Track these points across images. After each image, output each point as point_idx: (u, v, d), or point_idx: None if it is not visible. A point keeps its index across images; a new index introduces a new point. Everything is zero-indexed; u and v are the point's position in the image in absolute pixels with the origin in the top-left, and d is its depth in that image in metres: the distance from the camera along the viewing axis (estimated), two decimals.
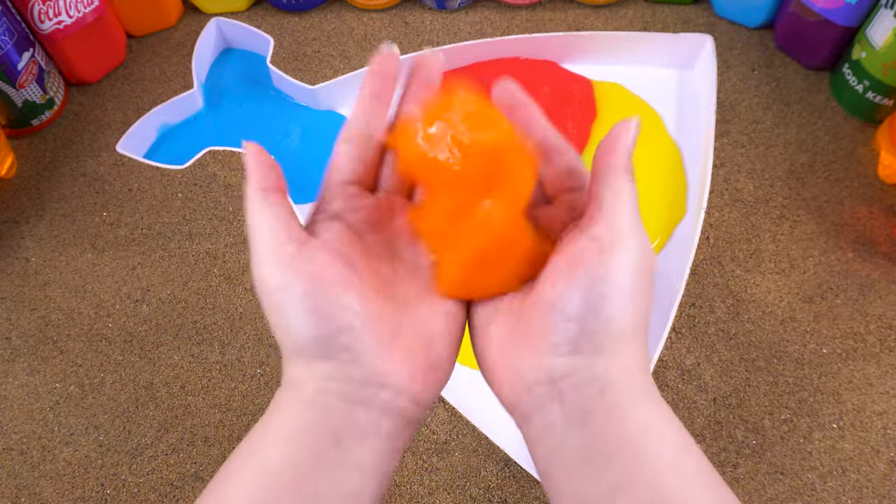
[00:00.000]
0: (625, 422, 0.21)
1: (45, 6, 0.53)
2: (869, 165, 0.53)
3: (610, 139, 0.23)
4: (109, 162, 0.55)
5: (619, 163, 0.22)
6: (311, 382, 0.22)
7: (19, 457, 0.44)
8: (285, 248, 0.22)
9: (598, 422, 0.21)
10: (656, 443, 0.21)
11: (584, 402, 0.21)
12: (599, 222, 0.22)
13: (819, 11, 0.53)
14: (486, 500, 0.41)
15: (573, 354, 0.22)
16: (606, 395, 0.21)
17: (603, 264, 0.21)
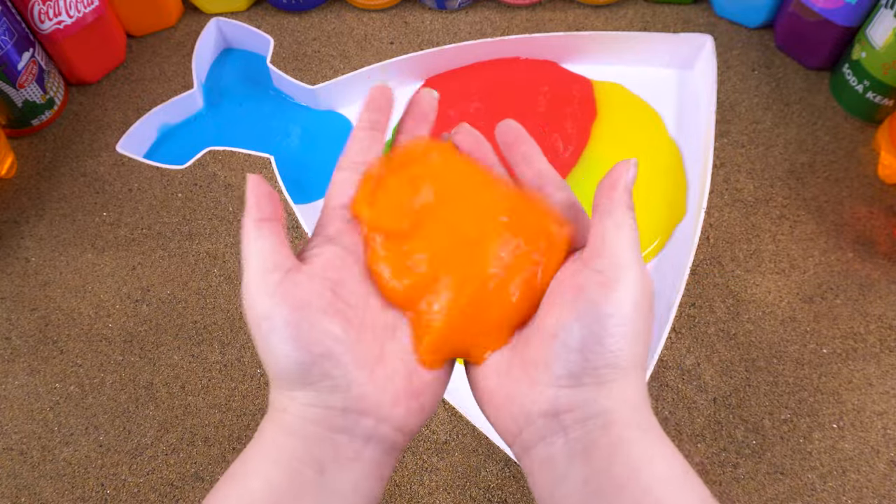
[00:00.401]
0: (628, 458, 0.21)
1: (45, 6, 0.53)
2: (869, 165, 0.53)
3: (611, 177, 0.24)
4: (109, 162, 0.55)
5: (621, 199, 0.23)
6: (292, 410, 0.22)
7: (19, 457, 0.44)
8: (271, 275, 0.22)
9: (601, 457, 0.21)
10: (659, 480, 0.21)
11: (587, 437, 0.22)
12: (602, 255, 0.22)
13: (819, 11, 0.53)
14: (486, 500, 0.41)
15: (576, 387, 0.22)
16: (609, 430, 0.21)
17: (606, 297, 0.21)
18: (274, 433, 0.22)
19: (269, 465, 0.22)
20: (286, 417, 0.22)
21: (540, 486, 0.23)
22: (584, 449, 0.21)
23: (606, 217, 0.23)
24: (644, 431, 0.22)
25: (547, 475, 0.22)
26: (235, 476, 0.22)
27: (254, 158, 0.54)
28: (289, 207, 0.51)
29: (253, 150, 0.54)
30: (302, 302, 0.22)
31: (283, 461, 0.22)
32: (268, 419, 0.23)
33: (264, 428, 0.23)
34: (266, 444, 0.22)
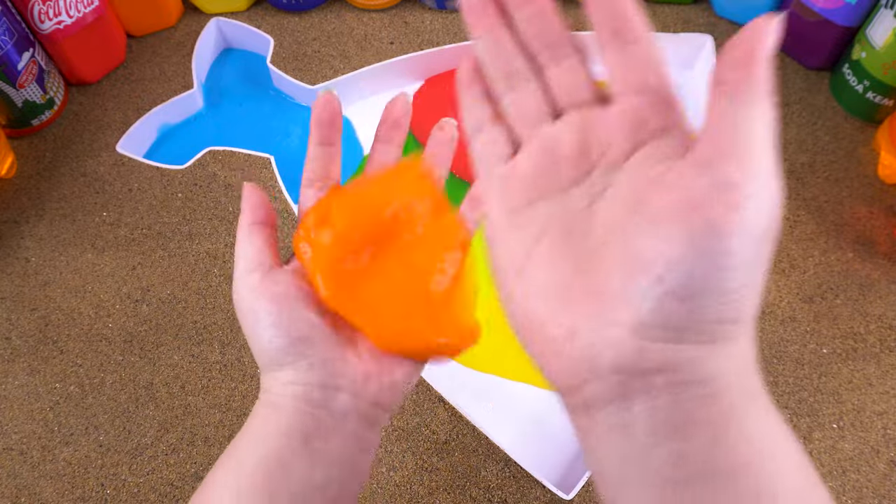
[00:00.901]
0: (738, 438, 0.16)
1: (45, 6, 0.53)
2: (869, 165, 0.53)
3: (745, 43, 0.16)
4: (109, 162, 0.55)
5: (759, 76, 0.16)
6: (276, 389, 0.24)
7: (19, 457, 0.44)
8: (254, 274, 0.25)
9: (701, 435, 0.16)
10: (780, 467, 0.16)
11: (684, 408, 0.16)
12: (731, 157, 0.16)
13: (819, 11, 0.53)
14: (486, 500, 0.41)
15: (675, 342, 0.16)
16: (715, 403, 0.16)
17: (736, 221, 0.15)
18: (261, 412, 0.25)
19: (259, 442, 0.24)
20: (271, 396, 0.24)
21: (604, 457, 0.18)
22: (677, 423, 0.16)
23: (739, 100, 0.17)
24: (762, 405, 0.17)
25: (618, 447, 0.17)
26: (230, 455, 0.24)
27: (254, 158, 0.54)
28: (289, 207, 0.51)
29: (253, 150, 0.54)
30: (280, 295, 0.25)
31: (271, 436, 0.24)
32: (257, 402, 0.25)
33: (255, 410, 0.25)
34: (255, 422, 0.25)
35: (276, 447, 0.23)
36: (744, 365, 0.17)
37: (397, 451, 0.43)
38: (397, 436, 0.43)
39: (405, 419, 0.44)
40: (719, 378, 0.16)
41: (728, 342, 0.17)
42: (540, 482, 0.40)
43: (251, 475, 0.23)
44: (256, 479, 0.23)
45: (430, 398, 0.44)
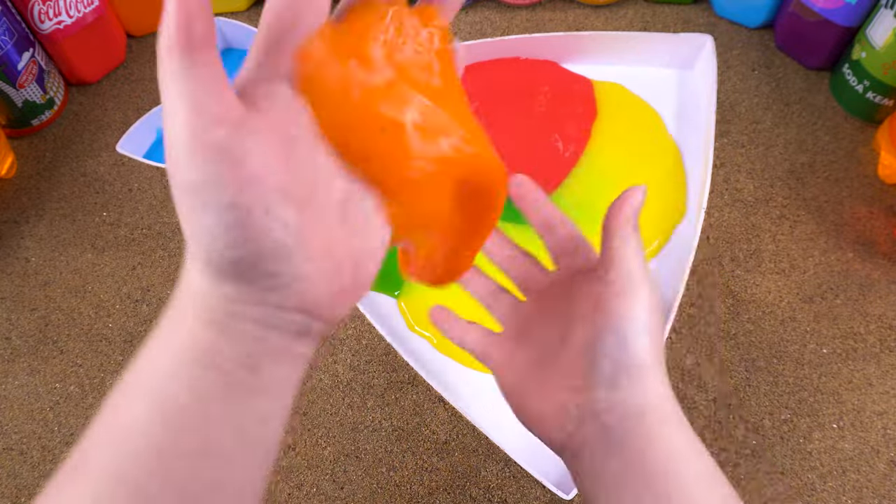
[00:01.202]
0: (658, 449, 0.24)
1: (45, 6, 0.53)
2: (869, 165, 0.53)
3: (620, 201, 0.26)
4: (109, 162, 0.55)
5: (628, 219, 0.26)
6: (220, 304, 0.19)
7: (19, 457, 0.44)
8: (213, 132, 0.17)
9: (635, 450, 0.24)
10: (687, 469, 0.24)
11: (624, 432, 0.24)
12: (613, 269, 0.25)
13: (819, 11, 0.53)
14: (486, 500, 0.41)
15: (613, 389, 0.24)
16: (643, 424, 0.24)
17: (624, 305, 0.24)
18: (194, 327, 0.19)
19: (192, 366, 0.18)
20: (211, 312, 0.19)
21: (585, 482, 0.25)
22: (619, 443, 0.24)
23: (615, 236, 0.25)
24: (675, 426, 0.24)
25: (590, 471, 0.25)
26: (148, 375, 0.19)
27: None
28: None
29: None
30: (253, 177, 0.17)
31: (209, 361, 0.18)
32: (180, 308, 0.19)
33: (176, 318, 0.19)
34: (182, 338, 0.19)
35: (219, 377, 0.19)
36: (664, 398, 0.25)
37: (397, 451, 0.43)
38: (397, 436, 0.43)
39: (405, 419, 0.44)
40: (645, 407, 0.24)
41: (646, 381, 0.24)
42: (540, 482, 0.40)
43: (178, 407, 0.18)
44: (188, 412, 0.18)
45: (430, 398, 0.44)
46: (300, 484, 0.42)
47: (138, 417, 0.18)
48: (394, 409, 0.44)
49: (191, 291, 0.19)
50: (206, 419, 0.18)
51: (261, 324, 0.19)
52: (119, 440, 0.18)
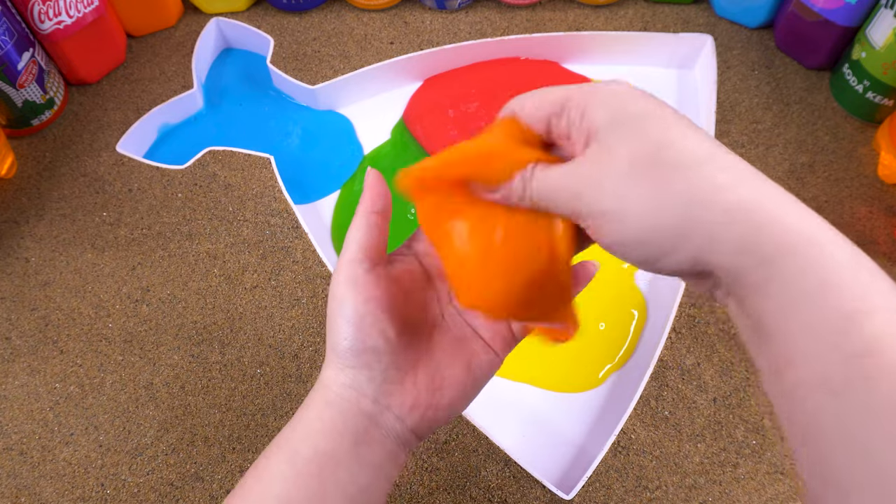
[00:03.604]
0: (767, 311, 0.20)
1: (45, 6, 0.53)
2: (869, 165, 0.53)
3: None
4: (109, 162, 0.55)
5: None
6: (335, 388, 0.25)
7: (19, 457, 0.44)
8: (361, 265, 0.25)
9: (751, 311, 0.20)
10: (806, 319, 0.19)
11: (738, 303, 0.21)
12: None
13: (819, 11, 0.53)
14: (486, 500, 0.41)
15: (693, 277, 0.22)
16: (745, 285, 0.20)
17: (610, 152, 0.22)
18: (318, 404, 0.26)
19: (315, 433, 0.25)
20: (329, 393, 0.26)
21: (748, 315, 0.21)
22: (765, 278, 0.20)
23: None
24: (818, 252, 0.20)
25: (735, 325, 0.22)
26: (284, 443, 0.26)
27: (254, 158, 0.54)
28: (288, 207, 0.51)
29: (253, 150, 0.54)
30: (374, 299, 0.25)
31: (327, 430, 0.25)
32: (314, 391, 0.26)
33: (311, 399, 0.26)
34: (311, 414, 0.26)
35: (332, 442, 0.25)
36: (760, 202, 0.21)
37: None
38: None
39: None
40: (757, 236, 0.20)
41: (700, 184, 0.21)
42: (540, 482, 0.40)
43: (306, 464, 0.24)
44: (311, 469, 0.24)
45: None
46: None
47: (279, 471, 0.25)
48: None
49: (321, 383, 0.26)
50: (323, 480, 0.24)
51: (359, 408, 0.25)
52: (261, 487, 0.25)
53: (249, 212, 0.52)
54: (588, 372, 0.46)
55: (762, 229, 0.20)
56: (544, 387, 0.45)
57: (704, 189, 0.20)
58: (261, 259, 0.50)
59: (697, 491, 0.41)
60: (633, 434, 0.43)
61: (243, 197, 0.52)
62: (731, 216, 0.20)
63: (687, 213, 0.20)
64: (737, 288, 0.20)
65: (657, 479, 0.41)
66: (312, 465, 0.24)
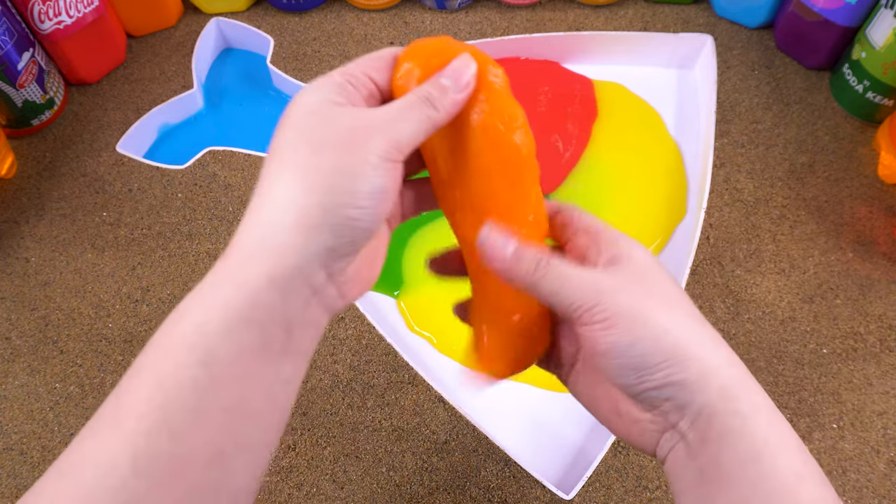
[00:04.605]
0: (735, 448, 0.22)
1: (45, 6, 0.53)
2: (869, 165, 0.53)
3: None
4: (109, 162, 0.55)
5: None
6: (292, 255, 0.21)
7: (19, 457, 0.44)
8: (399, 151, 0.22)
9: (710, 450, 0.22)
10: (767, 468, 0.22)
11: (700, 434, 0.23)
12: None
13: (819, 11, 0.53)
14: (486, 500, 0.41)
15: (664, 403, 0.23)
16: (713, 424, 0.22)
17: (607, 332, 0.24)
18: (253, 279, 0.21)
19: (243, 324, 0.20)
20: (273, 266, 0.21)
21: (672, 482, 0.24)
22: (697, 444, 0.23)
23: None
24: (751, 416, 0.22)
25: (674, 472, 0.24)
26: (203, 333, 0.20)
27: (254, 158, 0.54)
28: None
29: (253, 150, 0.54)
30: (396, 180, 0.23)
31: (258, 318, 0.20)
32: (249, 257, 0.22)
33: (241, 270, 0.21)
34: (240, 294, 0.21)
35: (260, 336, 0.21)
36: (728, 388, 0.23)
37: (397, 451, 0.43)
38: (397, 436, 0.43)
39: (405, 419, 0.44)
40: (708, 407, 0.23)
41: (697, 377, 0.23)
42: (540, 482, 0.40)
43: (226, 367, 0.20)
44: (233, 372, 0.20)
45: (430, 398, 0.44)
46: (300, 484, 0.42)
47: (183, 367, 0.20)
48: (394, 409, 0.44)
49: (264, 248, 0.21)
50: (244, 376, 0.20)
51: (316, 292, 0.22)
52: (165, 386, 0.20)
53: None
54: None
55: (741, 389, 0.23)
56: (544, 387, 0.45)
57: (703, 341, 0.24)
58: None
59: None
60: None
61: (243, 197, 0.52)
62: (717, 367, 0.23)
63: (688, 350, 0.23)
64: (707, 428, 0.22)
65: (657, 479, 0.41)
66: (236, 365, 0.20)
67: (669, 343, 0.23)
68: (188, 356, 0.20)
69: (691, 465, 0.23)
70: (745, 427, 0.22)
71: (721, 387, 0.23)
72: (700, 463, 0.22)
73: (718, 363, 0.23)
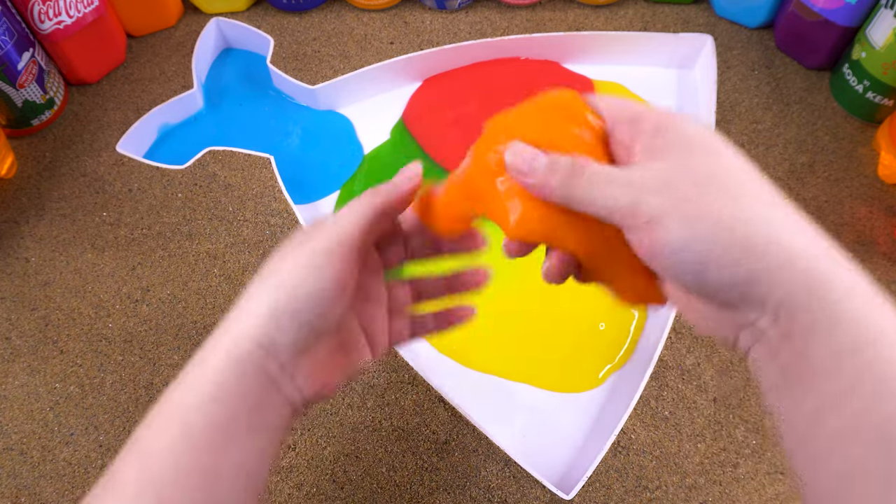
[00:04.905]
0: (826, 341, 0.19)
1: (45, 6, 0.53)
2: (869, 165, 0.53)
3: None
4: (109, 162, 0.55)
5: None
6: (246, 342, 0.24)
7: (19, 457, 0.44)
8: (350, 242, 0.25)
9: (795, 346, 0.20)
10: (867, 360, 0.19)
11: (782, 330, 0.20)
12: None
13: (819, 11, 0.53)
14: (486, 500, 0.41)
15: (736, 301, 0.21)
16: (797, 318, 0.20)
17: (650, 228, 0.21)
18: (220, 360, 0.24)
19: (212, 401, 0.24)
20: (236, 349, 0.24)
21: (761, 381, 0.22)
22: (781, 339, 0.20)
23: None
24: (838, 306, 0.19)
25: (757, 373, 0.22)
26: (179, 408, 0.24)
27: (254, 158, 0.54)
28: (288, 208, 0.51)
29: (253, 150, 0.54)
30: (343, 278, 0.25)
31: (225, 395, 0.24)
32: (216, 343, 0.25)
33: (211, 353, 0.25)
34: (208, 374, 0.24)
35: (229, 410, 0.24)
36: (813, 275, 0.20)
37: (397, 451, 0.43)
38: (397, 436, 0.43)
39: (405, 419, 0.44)
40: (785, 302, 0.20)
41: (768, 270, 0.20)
42: (540, 482, 0.40)
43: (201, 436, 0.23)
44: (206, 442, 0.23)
45: (430, 398, 0.44)
46: (300, 484, 0.42)
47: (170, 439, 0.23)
48: (394, 409, 0.44)
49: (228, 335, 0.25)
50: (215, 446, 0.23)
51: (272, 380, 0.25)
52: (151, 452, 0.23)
53: (249, 212, 0.52)
54: (588, 372, 0.46)
55: (830, 274, 0.20)
56: (544, 387, 0.45)
57: (770, 222, 0.20)
58: (261, 259, 0.50)
59: (697, 491, 0.41)
60: (633, 434, 0.43)
61: (243, 197, 0.52)
62: (794, 256, 0.20)
63: (752, 237, 0.20)
64: (790, 323, 0.20)
65: (657, 479, 0.41)
66: (208, 435, 0.23)
67: (727, 235, 0.20)
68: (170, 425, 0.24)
69: (773, 363, 0.21)
70: (837, 316, 0.19)
71: (804, 275, 0.20)
72: (783, 361, 0.20)
73: (796, 247, 0.20)
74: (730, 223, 0.20)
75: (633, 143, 0.23)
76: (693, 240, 0.20)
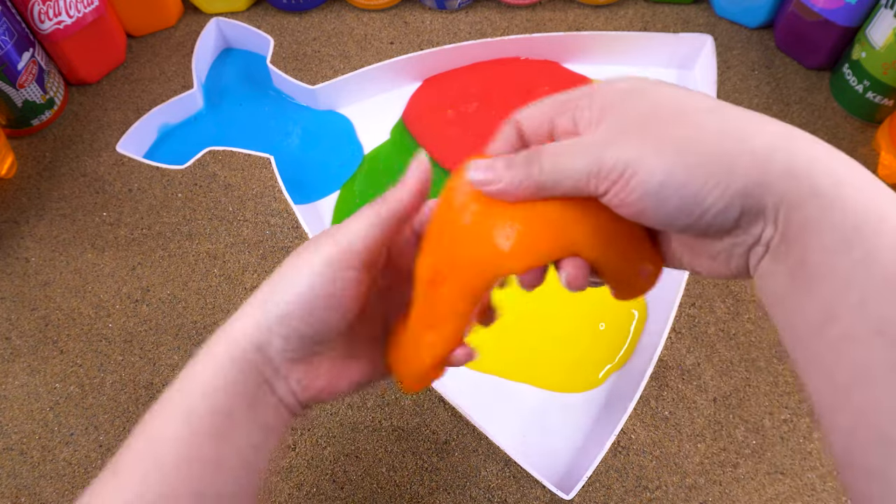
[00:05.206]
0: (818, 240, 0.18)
1: (45, 6, 0.53)
2: (869, 165, 0.53)
3: None
4: (109, 162, 0.55)
5: None
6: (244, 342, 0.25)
7: (19, 457, 0.44)
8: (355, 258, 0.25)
9: (794, 250, 0.19)
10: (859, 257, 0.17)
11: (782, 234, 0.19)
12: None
13: (819, 11, 0.53)
14: (486, 500, 0.41)
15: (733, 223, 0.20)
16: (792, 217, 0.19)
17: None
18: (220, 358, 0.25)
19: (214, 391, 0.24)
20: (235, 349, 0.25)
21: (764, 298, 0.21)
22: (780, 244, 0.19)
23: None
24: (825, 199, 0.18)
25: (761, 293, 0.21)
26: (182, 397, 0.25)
27: (254, 158, 0.54)
28: (288, 207, 0.51)
29: (253, 150, 0.54)
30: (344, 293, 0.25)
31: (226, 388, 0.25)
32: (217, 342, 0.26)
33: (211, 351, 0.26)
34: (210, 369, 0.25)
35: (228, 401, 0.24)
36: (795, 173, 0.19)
37: (397, 451, 0.43)
38: (397, 436, 0.43)
39: (405, 419, 0.44)
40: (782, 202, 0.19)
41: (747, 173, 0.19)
42: (540, 482, 0.40)
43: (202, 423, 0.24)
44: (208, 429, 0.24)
45: (430, 398, 0.44)
46: (300, 484, 0.42)
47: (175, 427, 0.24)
48: (394, 409, 0.44)
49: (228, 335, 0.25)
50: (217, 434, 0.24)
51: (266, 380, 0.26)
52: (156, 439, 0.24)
53: (249, 212, 0.52)
54: (588, 372, 0.46)
55: (812, 163, 0.19)
56: (544, 387, 0.45)
57: (738, 127, 0.19)
58: (261, 259, 0.50)
59: (697, 491, 0.41)
60: (633, 434, 0.43)
61: (243, 197, 0.52)
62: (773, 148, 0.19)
63: (724, 146, 0.19)
64: (786, 225, 0.19)
65: (657, 479, 0.42)
66: (209, 424, 0.24)
67: (696, 158, 0.19)
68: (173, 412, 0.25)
69: (777, 275, 0.20)
70: (826, 210, 0.18)
71: (785, 171, 0.18)
72: (785, 268, 0.19)
73: (773, 146, 0.19)
74: (697, 143, 0.19)
75: (579, 123, 0.22)
76: (670, 172, 0.19)
